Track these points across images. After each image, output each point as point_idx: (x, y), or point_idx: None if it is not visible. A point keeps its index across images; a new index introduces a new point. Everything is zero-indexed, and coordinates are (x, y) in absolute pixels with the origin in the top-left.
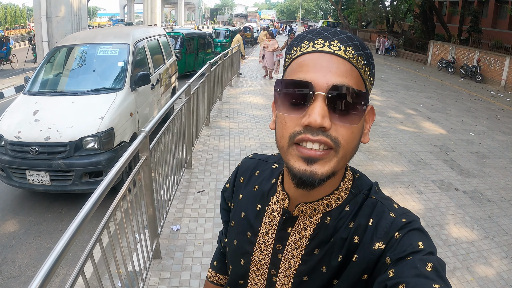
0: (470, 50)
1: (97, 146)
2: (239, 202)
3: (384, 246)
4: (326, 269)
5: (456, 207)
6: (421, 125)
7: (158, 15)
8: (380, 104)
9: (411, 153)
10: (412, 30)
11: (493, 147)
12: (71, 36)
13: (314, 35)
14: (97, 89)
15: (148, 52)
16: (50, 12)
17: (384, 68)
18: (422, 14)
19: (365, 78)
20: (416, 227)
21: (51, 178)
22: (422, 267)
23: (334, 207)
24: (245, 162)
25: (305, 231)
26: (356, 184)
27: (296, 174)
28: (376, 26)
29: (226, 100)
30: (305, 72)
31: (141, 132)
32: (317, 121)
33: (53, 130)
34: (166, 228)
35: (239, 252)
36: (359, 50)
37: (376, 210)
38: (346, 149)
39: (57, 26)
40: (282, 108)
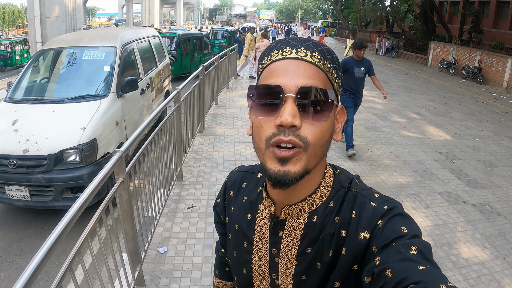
0: (471, 51)
1: (78, 159)
2: (232, 215)
3: (369, 235)
4: (321, 266)
5: (465, 222)
6: (425, 130)
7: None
8: (382, 107)
9: (416, 162)
10: (412, 30)
11: (500, 154)
12: (57, 39)
13: (283, 44)
14: (80, 96)
15: (137, 55)
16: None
17: (384, 69)
18: (423, 15)
19: (332, 80)
20: (398, 213)
21: (31, 193)
22: (406, 251)
23: (319, 205)
24: (232, 176)
25: (295, 232)
26: (337, 179)
27: (271, 174)
28: (376, 27)
29: (222, 104)
30: (275, 77)
31: (116, 153)
32: (288, 120)
33: (32, 142)
34: (152, 250)
35: (240, 262)
36: (325, 54)
37: (358, 202)
38: (316, 147)
39: (51, 27)
40: (256, 112)
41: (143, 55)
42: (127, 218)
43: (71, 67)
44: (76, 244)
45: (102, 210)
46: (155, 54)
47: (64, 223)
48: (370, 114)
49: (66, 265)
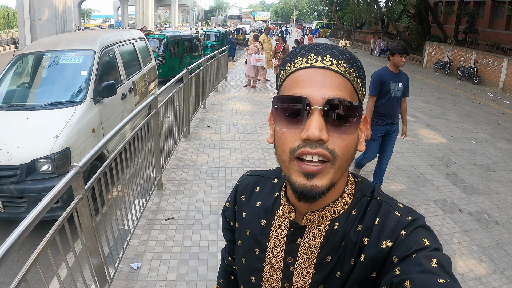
0: (467, 51)
1: (51, 169)
2: (243, 220)
3: (391, 245)
4: (341, 275)
5: (461, 233)
6: (420, 133)
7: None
8: None
9: (410, 167)
10: (407, 31)
11: (497, 157)
12: (36, 42)
13: (307, 51)
14: (55, 102)
15: (119, 59)
16: (34, 15)
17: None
18: (418, 15)
19: (357, 89)
20: (421, 225)
21: (4, 205)
22: (427, 263)
23: (341, 212)
24: (244, 180)
25: (315, 239)
26: (359, 188)
27: (297, 188)
28: (370, 27)
29: (210, 107)
30: (300, 87)
31: (73, 167)
32: (315, 134)
33: (3, 151)
34: (125, 265)
35: (249, 270)
36: (351, 63)
37: (382, 210)
38: (343, 160)
39: (41, 29)
40: (280, 124)
41: (125, 59)
42: (90, 236)
43: (48, 72)
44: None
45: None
46: (140, 57)
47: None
48: None
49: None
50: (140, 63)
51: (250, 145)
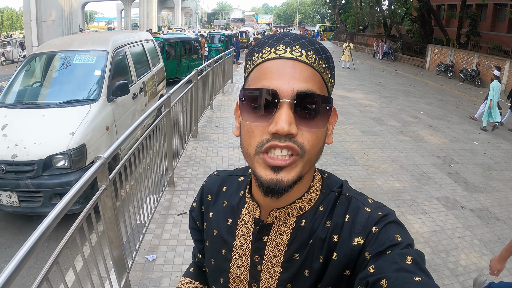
0: (469, 54)
1: (67, 164)
2: (210, 220)
3: (363, 241)
4: (309, 273)
5: (463, 228)
6: (423, 134)
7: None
8: (379, 111)
9: (413, 166)
10: (410, 34)
11: (498, 157)
12: (49, 43)
13: (275, 41)
14: (70, 101)
15: (130, 59)
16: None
17: (382, 73)
18: (420, 18)
19: (326, 81)
20: (392, 220)
21: (20, 199)
22: (402, 261)
23: (308, 209)
24: (210, 180)
25: (281, 237)
26: (326, 183)
27: (263, 182)
28: (373, 30)
29: (217, 108)
30: (269, 79)
31: (98, 159)
32: (285, 129)
33: (21, 147)
34: (141, 257)
35: (217, 270)
36: (320, 54)
37: (351, 206)
38: (312, 153)
39: (47, 31)
40: (247, 117)
41: (135, 59)
42: (112, 226)
43: (61, 71)
44: (54, 253)
45: (82, 218)
46: (149, 58)
47: (41, 230)
48: (366, 118)
49: (42, 275)
50: (149, 64)
51: None
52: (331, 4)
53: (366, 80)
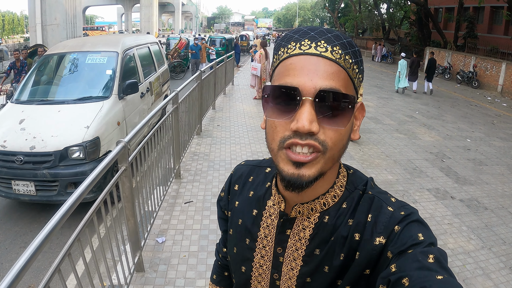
0: (466, 56)
1: (82, 155)
2: (235, 209)
3: (385, 241)
4: (329, 269)
5: (452, 216)
6: (417, 132)
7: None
8: (375, 111)
9: (406, 161)
10: (408, 37)
11: (490, 153)
12: (61, 44)
13: (301, 36)
14: (84, 97)
15: (138, 60)
16: (45, 20)
17: (380, 75)
18: (418, 21)
19: (353, 77)
20: (415, 219)
21: (37, 188)
22: (424, 259)
23: (331, 205)
24: (238, 169)
25: (304, 231)
26: (351, 180)
27: (284, 177)
28: (372, 34)
29: (219, 108)
30: (292, 76)
31: (120, 142)
32: (305, 127)
33: (38, 139)
34: (151, 240)
35: (240, 259)
36: (347, 48)
37: (374, 205)
38: (334, 150)
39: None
40: (270, 113)
41: (143, 61)
42: (129, 204)
43: (75, 71)
44: (77, 229)
45: (106, 192)
46: (155, 60)
47: (71, 202)
48: (363, 118)
49: (65, 250)
50: (155, 65)
51: (258, 141)
52: (330, 8)
53: (364, 82)
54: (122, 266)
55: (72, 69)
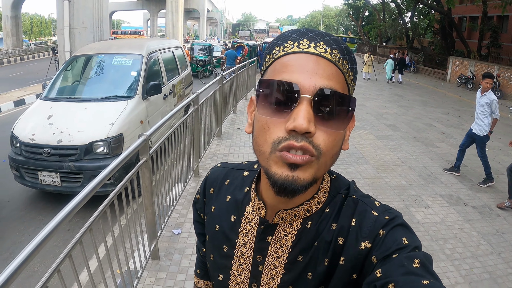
0: (489, 66)
1: (106, 150)
2: (212, 214)
3: (370, 245)
4: (312, 276)
5: (463, 221)
6: (435, 139)
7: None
8: (394, 118)
9: (421, 167)
10: (431, 46)
11: (508, 163)
12: (88, 46)
13: (299, 35)
14: (109, 96)
15: (161, 63)
16: (73, 23)
17: (402, 84)
18: (441, 30)
19: (349, 83)
20: (399, 223)
21: (62, 179)
22: (409, 264)
23: (315, 211)
24: (214, 172)
25: (286, 238)
26: (334, 185)
27: (277, 180)
28: (396, 42)
29: (240, 112)
30: (290, 73)
31: (142, 135)
32: (303, 126)
33: (65, 134)
34: (168, 231)
35: (216, 267)
36: (344, 54)
37: (358, 210)
38: (327, 156)
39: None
40: (264, 111)
41: (166, 64)
42: (148, 194)
43: (101, 71)
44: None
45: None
46: (178, 64)
47: (91, 187)
48: (381, 125)
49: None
50: (178, 68)
51: None
52: (355, 16)
53: (386, 90)
54: (139, 253)
55: (98, 70)
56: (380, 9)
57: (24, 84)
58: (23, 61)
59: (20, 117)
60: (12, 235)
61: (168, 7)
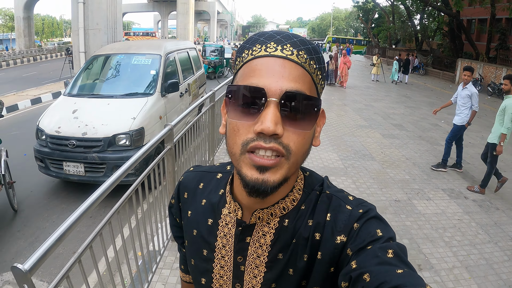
0: (497, 68)
1: (128, 143)
2: (189, 219)
3: (346, 239)
4: (294, 272)
5: (463, 213)
6: (440, 138)
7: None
8: (400, 118)
9: (425, 164)
10: (440, 48)
11: (511, 161)
12: (108, 46)
13: (266, 38)
14: (130, 93)
15: (178, 63)
16: (88, 25)
17: (410, 86)
18: (450, 32)
19: (317, 82)
20: (373, 216)
21: (86, 170)
22: (383, 254)
23: (290, 209)
24: (187, 176)
25: (264, 237)
26: (308, 182)
27: (248, 182)
28: (405, 45)
29: None
30: (257, 77)
31: (167, 125)
32: (270, 128)
33: (90, 127)
34: None
35: (198, 271)
36: (311, 54)
37: (332, 205)
38: (297, 155)
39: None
40: (233, 114)
41: (182, 64)
42: (171, 179)
43: (122, 70)
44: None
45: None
46: (193, 64)
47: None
48: (388, 124)
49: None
50: (193, 68)
51: None
52: (364, 18)
53: (394, 92)
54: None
55: (119, 68)
56: (390, 11)
57: (39, 83)
58: (35, 61)
59: (45, 112)
60: (37, 222)
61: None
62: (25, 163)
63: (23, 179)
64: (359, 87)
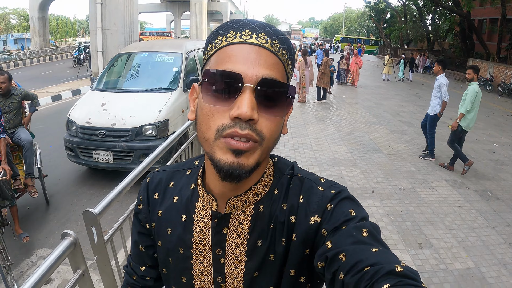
0: (508, 68)
1: (154, 133)
2: (160, 219)
3: (319, 219)
4: (274, 257)
5: (464, 201)
6: (446, 135)
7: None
8: (410, 116)
9: None
10: (452, 48)
11: None
12: (132, 45)
13: (241, 26)
14: (155, 88)
15: (197, 61)
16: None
17: (421, 85)
18: (461, 33)
19: (288, 72)
20: (345, 196)
21: (114, 158)
22: (358, 234)
23: (264, 194)
24: (155, 176)
25: (241, 226)
26: (278, 167)
27: (223, 166)
28: (417, 45)
29: None
30: (233, 63)
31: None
32: (247, 113)
33: (119, 118)
34: None
35: (177, 270)
36: (284, 44)
37: (305, 187)
38: (270, 141)
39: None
40: (207, 99)
41: (201, 61)
42: None
43: (146, 67)
44: None
45: (182, 149)
46: None
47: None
48: (397, 121)
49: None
50: None
51: (298, 135)
52: (376, 18)
53: (404, 91)
54: None
55: (143, 66)
56: (402, 11)
57: (57, 81)
58: (51, 60)
59: (75, 105)
60: (67, 206)
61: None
62: (51, 154)
63: (51, 169)
64: (370, 86)
